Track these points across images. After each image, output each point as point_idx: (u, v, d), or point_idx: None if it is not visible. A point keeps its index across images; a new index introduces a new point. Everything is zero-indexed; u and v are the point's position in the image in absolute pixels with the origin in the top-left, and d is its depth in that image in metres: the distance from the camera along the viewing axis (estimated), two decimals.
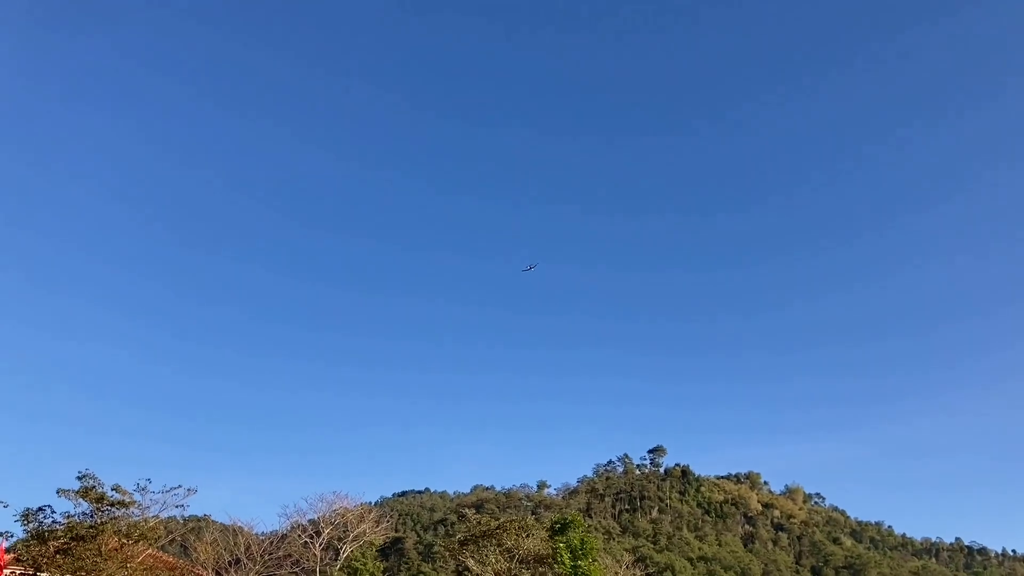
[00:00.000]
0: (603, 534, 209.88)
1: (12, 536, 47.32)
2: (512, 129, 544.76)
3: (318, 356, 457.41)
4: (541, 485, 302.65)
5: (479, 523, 70.85)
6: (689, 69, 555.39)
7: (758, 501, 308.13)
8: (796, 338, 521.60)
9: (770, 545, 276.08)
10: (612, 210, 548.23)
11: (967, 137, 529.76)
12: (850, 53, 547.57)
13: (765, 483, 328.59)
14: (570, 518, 69.88)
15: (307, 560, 61.12)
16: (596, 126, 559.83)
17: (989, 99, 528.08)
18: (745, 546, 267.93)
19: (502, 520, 71.55)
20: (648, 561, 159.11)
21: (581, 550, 65.52)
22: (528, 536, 65.99)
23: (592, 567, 66.27)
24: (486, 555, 65.58)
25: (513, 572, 64.60)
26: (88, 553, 46.75)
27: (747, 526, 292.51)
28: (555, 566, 65.76)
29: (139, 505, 49.92)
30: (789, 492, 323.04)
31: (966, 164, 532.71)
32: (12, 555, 49.54)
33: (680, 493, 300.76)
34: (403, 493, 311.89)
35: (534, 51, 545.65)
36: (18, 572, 48.92)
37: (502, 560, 65.10)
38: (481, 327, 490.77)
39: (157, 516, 51.27)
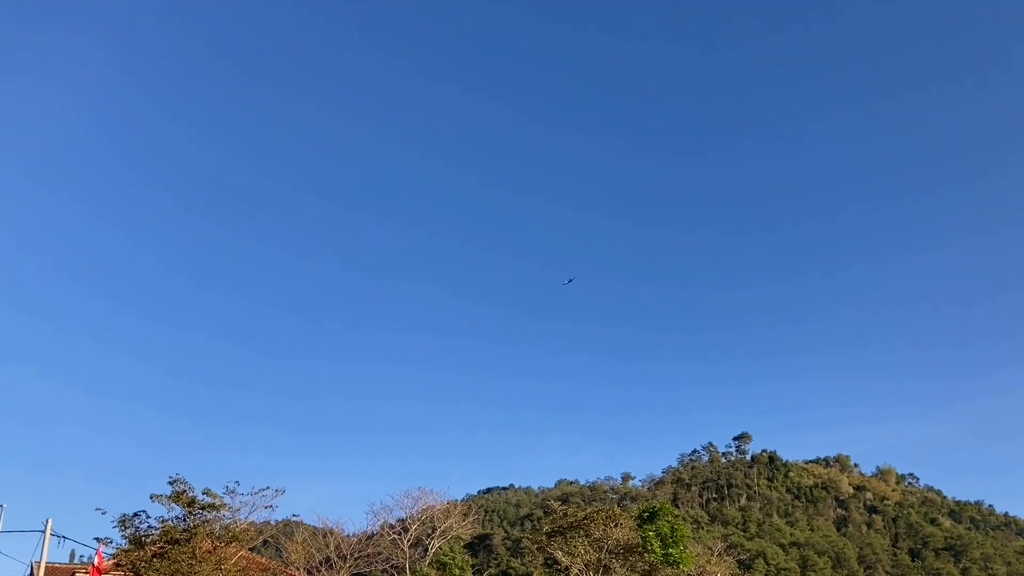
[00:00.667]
0: (691, 523, 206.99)
1: (111, 542, 48.49)
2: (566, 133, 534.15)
3: (392, 358, 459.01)
4: (626, 477, 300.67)
5: (565, 515, 70.19)
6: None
7: (849, 484, 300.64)
8: (878, 307, 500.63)
9: (864, 528, 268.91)
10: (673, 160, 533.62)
11: None
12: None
13: (855, 465, 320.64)
14: (658, 506, 68.82)
15: (396, 557, 61.37)
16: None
17: None
18: (838, 530, 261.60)
19: (588, 511, 70.76)
20: (739, 549, 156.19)
21: (671, 537, 64.44)
22: (616, 526, 65.08)
23: (684, 554, 65.12)
24: (574, 546, 64.89)
25: (603, 562, 63.79)
26: (183, 556, 47.55)
27: (839, 510, 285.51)
28: (646, 555, 64.72)
29: (229, 508, 50.63)
30: (881, 473, 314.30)
31: None
32: (113, 560, 50.80)
33: (768, 479, 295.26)
34: (488, 490, 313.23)
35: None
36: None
37: (591, 551, 64.33)
38: (553, 327, 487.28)
39: (248, 519, 51.97)
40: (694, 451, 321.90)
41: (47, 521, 44.15)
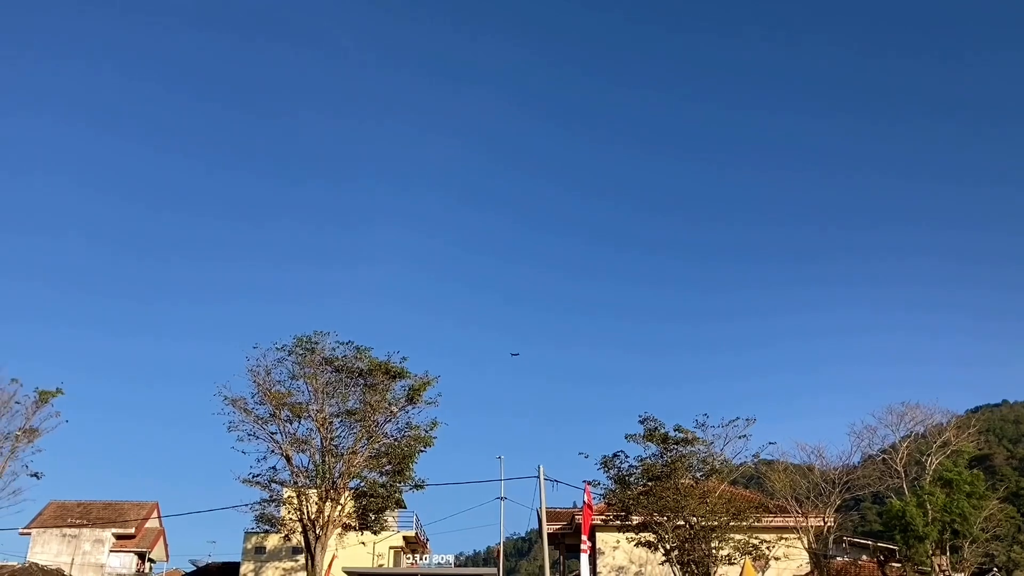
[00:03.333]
0: None
1: (599, 483, 50.51)
2: None
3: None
4: None
5: None
6: None
7: None
8: None
9: None
10: None
11: None
12: None
13: None
14: None
15: (890, 477, 56.47)
16: None
17: None
18: None
19: None
20: None
21: None
22: None
23: None
24: None
25: None
26: (667, 492, 48.04)
27: None
28: None
29: (702, 441, 50.06)
30: None
31: None
32: (604, 502, 53.10)
33: None
34: (975, 409, 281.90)
35: None
36: (612, 515, 52.11)
37: None
38: None
39: (722, 451, 50.98)
40: None
41: (539, 467, 47.06)
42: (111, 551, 70.45)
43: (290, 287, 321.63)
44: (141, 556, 72.64)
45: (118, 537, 71.08)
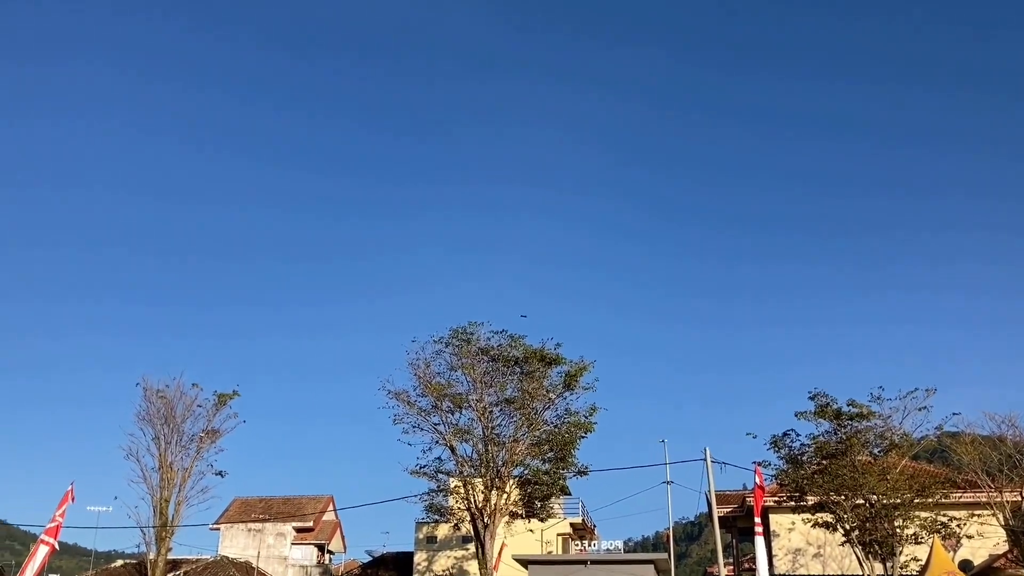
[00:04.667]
0: None
1: (769, 464, 48.45)
2: None
3: None
4: None
5: None
6: None
7: None
8: None
9: None
10: None
11: None
12: None
13: None
14: None
15: None
16: None
17: None
18: None
19: None
20: None
21: None
22: None
23: None
24: None
25: None
26: (843, 470, 45.60)
27: None
28: None
29: (879, 415, 47.15)
30: None
31: None
32: (776, 483, 50.99)
33: None
34: None
35: None
36: (785, 496, 50.00)
37: None
38: None
39: (901, 425, 47.89)
40: None
41: (705, 450, 45.52)
42: (292, 544, 73.86)
43: (438, 275, 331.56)
44: (320, 548, 75.80)
45: (298, 530, 74.41)
